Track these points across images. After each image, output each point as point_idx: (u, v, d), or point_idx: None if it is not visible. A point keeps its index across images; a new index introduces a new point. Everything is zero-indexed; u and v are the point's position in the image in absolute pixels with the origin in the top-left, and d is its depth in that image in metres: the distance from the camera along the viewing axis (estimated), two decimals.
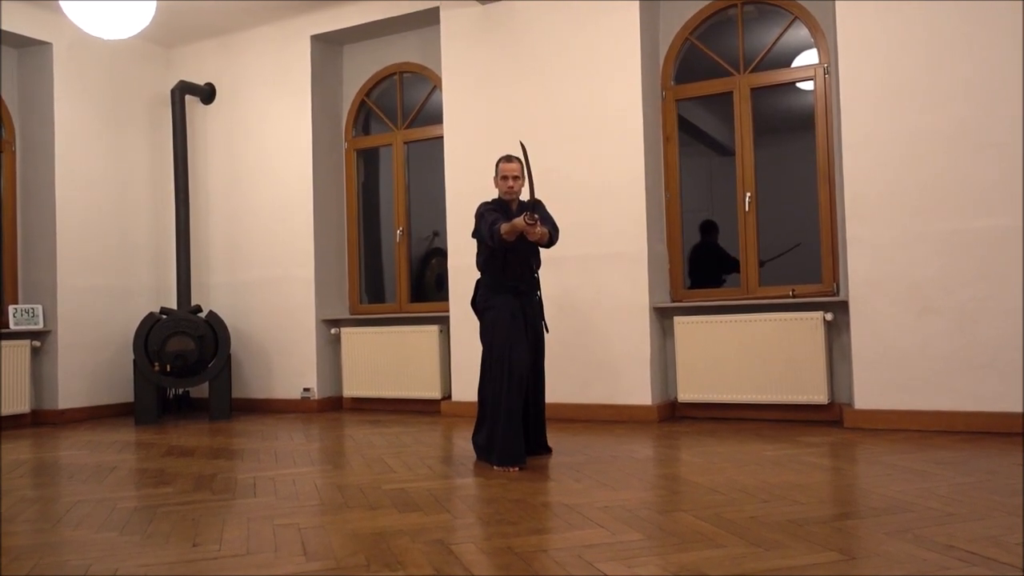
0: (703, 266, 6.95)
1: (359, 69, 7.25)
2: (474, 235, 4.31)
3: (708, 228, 7.06)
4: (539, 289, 4.41)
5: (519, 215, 4.07)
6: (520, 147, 4.14)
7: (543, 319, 4.39)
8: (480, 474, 3.92)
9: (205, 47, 7.48)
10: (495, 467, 4.03)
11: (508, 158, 4.31)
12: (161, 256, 7.49)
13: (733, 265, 6.62)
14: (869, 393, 4.94)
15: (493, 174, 4.40)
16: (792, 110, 7.18)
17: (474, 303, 4.40)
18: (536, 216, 3.93)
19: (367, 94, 7.24)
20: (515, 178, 4.26)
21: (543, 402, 4.42)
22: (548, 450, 4.44)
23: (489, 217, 4.14)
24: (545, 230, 4.09)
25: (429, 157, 7.00)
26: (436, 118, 6.78)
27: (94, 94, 7.04)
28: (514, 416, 4.06)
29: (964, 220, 4.73)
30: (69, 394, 6.70)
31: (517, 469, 3.98)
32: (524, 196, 4.28)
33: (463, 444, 4.87)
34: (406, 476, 3.90)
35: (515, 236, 4.06)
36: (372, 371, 6.77)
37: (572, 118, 5.89)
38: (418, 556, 2.56)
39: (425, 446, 4.83)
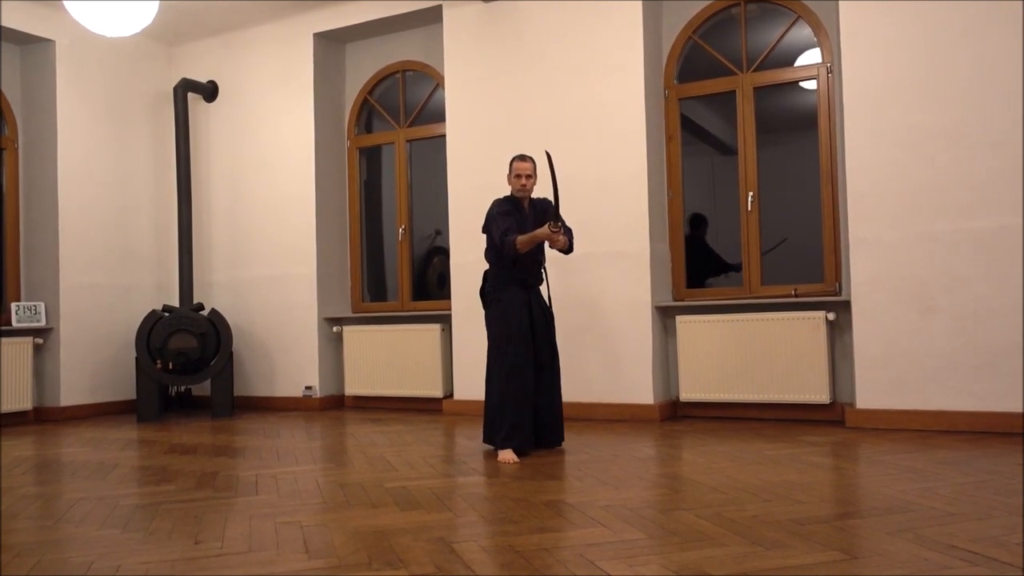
0: (689, 264, 6.72)
1: (362, 67, 7.25)
2: (484, 230, 4.47)
3: (696, 222, 6.65)
4: (544, 281, 4.58)
5: (531, 214, 4.41)
6: (546, 157, 4.28)
7: (550, 308, 4.55)
8: (482, 472, 3.92)
9: (208, 45, 7.48)
10: (498, 449, 4.24)
11: (522, 157, 4.47)
12: (163, 254, 7.49)
13: (721, 267, 6.50)
14: (871, 393, 4.94)
15: (505, 172, 4.58)
16: (795, 109, 7.17)
17: (483, 292, 4.54)
18: (560, 225, 4.16)
19: (370, 92, 7.24)
20: (528, 176, 4.43)
21: (559, 391, 4.54)
22: (561, 440, 4.52)
23: (502, 224, 4.30)
24: (566, 239, 4.31)
25: (431, 155, 7.00)
26: (438, 116, 6.78)
27: (96, 92, 7.04)
28: (521, 404, 4.26)
29: (967, 219, 4.72)
30: (71, 391, 6.71)
31: (515, 457, 4.16)
32: (535, 194, 4.54)
33: (465, 442, 4.87)
34: (408, 474, 3.90)
35: (532, 247, 4.26)
36: (374, 369, 6.77)
37: (574, 116, 5.89)
38: (420, 554, 2.56)
39: (427, 444, 4.83)
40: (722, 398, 5.51)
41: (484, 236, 4.52)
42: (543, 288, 4.59)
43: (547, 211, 4.49)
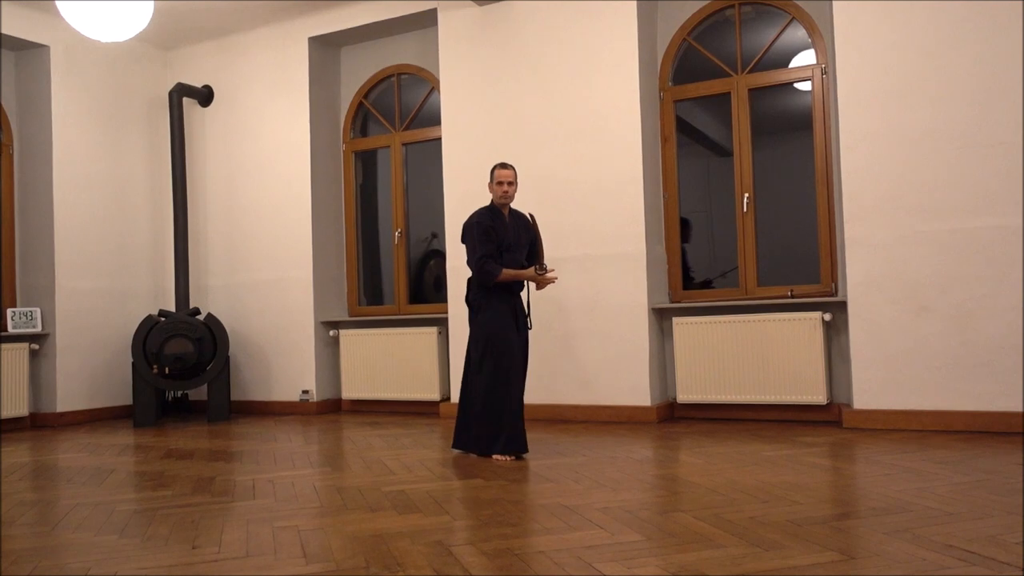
0: None
1: (357, 71, 7.25)
2: (464, 241, 4.57)
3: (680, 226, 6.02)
4: (524, 287, 4.69)
5: (511, 222, 4.56)
6: (530, 218, 4.53)
7: (529, 314, 4.68)
8: (479, 475, 3.92)
9: (203, 49, 7.48)
10: (496, 456, 4.28)
11: (504, 165, 4.59)
12: (159, 258, 7.48)
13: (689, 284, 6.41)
14: (868, 393, 4.95)
15: (490, 177, 4.60)
16: (790, 111, 7.18)
17: (469, 299, 4.61)
18: (545, 268, 4.47)
19: (365, 96, 7.24)
20: (510, 184, 4.55)
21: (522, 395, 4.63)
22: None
23: (482, 246, 4.42)
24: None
25: (427, 158, 7.01)
26: (434, 120, 6.79)
27: (92, 96, 7.04)
28: (516, 409, 4.35)
29: (962, 220, 4.73)
30: (68, 397, 6.69)
31: (515, 457, 4.26)
32: (514, 205, 4.72)
33: None
34: (405, 478, 3.90)
35: (511, 279, 4.46)
36: (371, 373, 6.77)
37: (570, 119, 5.90)
38: (418, 558, 2.56)
39: (424, 448, 4.83)
40: (719, 399, 5.52)
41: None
42: (523, 294, 4.68)
43: (527, 226, 4.66)
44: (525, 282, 4.66)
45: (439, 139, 6.56)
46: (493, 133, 6.14)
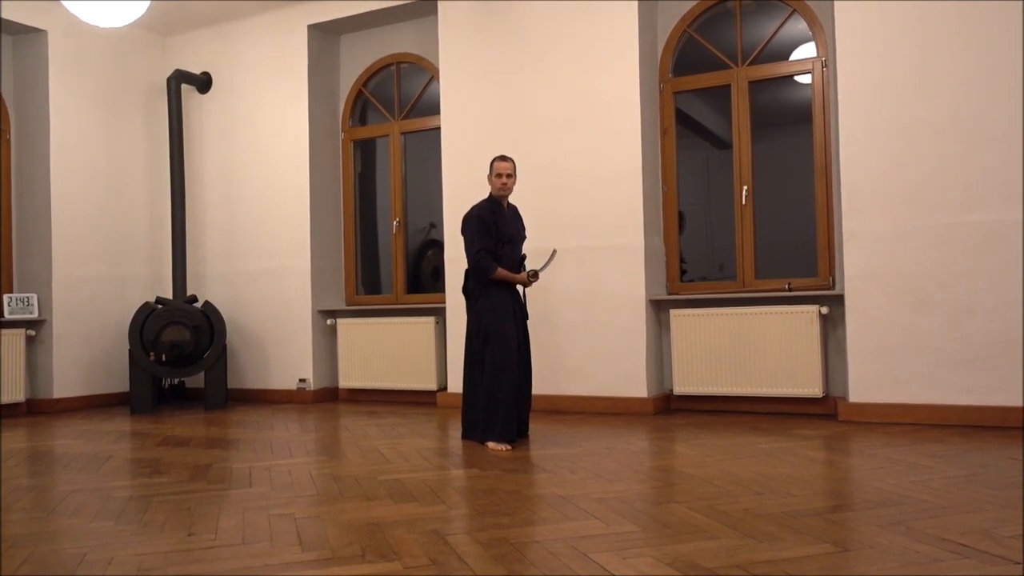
0: None
1: (356, 59, 7.23)
2: (463, 233, 4.59)
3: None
4: None
5: (510, 214, 4.64)
6: (552, 252, 4.75)
7: (525, 305, 4.75)
8: (475, 465, 3.93)
9: (202, 36, 7.45)
10: (490, 444, 4.33)
11: (503, 157, 4.61)
12: (157, 246, 7.47)
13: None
14: (864, 386, 4.96)
15: (489, 169, 4.63)
16: (790, 103, 7.17)
17: (467, 291, 4.65)
18: (538, 277, 4.56)
19: (364, 84, 7.22)
20: (508, 176, 4.56)
21: (530, 384, 4.74)
22: (527, 433, 4.70)
23: (479, 241, 4.46)
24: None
25: (426, 148, 6.99)
26: (433, 109, 6.77)
27: (90, 82, 7.01)
28: (512, 397, 4.39)
29: (960, 214, 4.73)
30: (64, 383, 6.69)
31: (510, 447, 4.29)
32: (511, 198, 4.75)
33: (459, 435, 4.87)
34: (402, 467, 3.91)
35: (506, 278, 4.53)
36: (368, 362, 6.77)
37: (569, 110, 5.89)
38: (413, 546, 2.56)
39: (420, 437, 4.84)
40: (715, 391, 5.53)
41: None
42: (519, 286, 4.71)
43: (521, 221, 4.76)
44: (523, 268, 4.71)
45: (438, 128, 6.54)
46: (492, 123, 6.13)
